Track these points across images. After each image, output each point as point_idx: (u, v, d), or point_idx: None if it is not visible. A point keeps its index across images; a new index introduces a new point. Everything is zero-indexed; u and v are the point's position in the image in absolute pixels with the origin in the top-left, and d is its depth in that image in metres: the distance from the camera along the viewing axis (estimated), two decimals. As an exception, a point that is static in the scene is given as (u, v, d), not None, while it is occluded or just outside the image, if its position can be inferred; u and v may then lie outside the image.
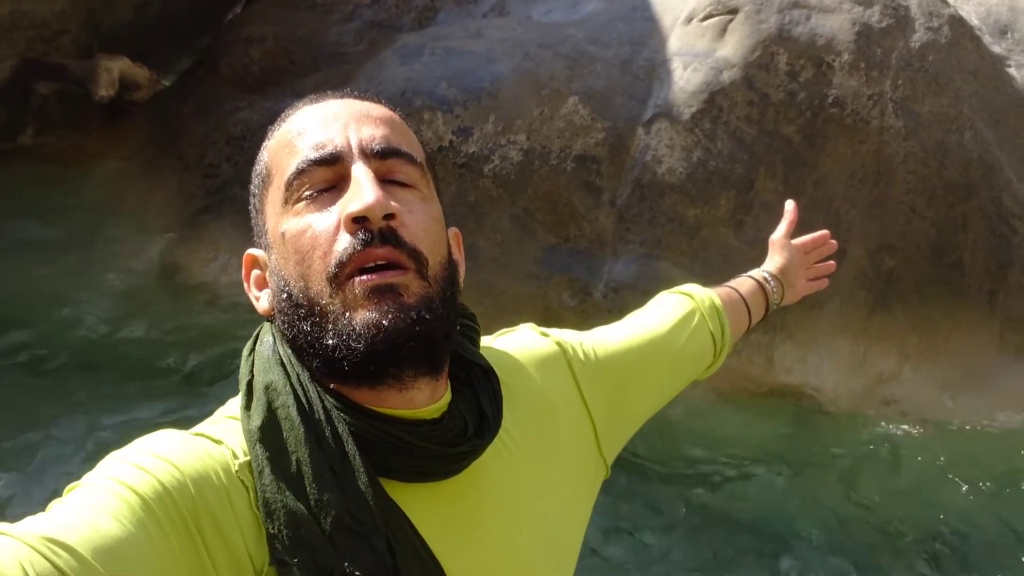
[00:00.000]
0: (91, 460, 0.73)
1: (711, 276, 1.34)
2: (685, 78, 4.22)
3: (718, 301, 1.22)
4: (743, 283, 1.33)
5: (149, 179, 5.03)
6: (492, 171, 4.11)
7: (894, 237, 4.19)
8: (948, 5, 4.50)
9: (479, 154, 4.12)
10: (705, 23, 4.32)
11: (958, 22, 4.45)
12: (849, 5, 4.28)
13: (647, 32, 4.42)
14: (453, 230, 0.88)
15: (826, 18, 4.26)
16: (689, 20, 4.38)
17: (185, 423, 0.80)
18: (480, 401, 0.83)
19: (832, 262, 1.49)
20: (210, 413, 0.82)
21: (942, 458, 3.74)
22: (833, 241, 1.48)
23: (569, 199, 4.11)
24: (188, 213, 4.66)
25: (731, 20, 4.27)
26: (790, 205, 1.45)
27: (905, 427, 3.92)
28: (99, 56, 5.06)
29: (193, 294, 4.13)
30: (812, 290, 1.47)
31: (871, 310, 4.13)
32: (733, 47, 4.24)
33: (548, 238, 4.11)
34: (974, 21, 4.71)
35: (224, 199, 4.55)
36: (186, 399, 3.50)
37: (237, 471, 0.73)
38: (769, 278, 1.35)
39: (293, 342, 0.78)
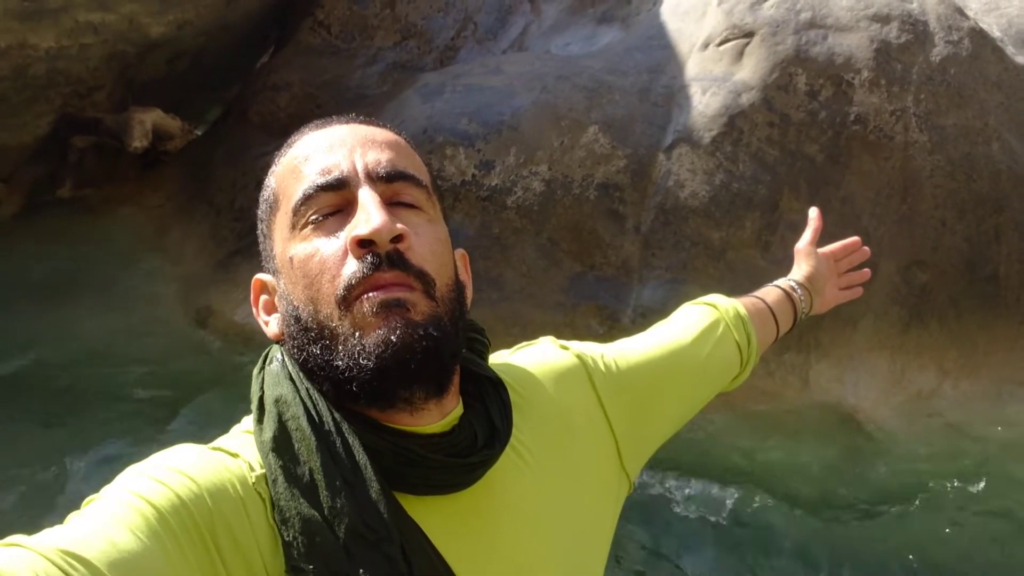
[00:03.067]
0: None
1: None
2: (704, 103, 4.23)
3: (743, 311, 1.20)
4: (769, 292, 1.31)
5: (182, 225, 5.15)
6: (515, 203, 4.14)
7: (925, 252, 4.13)
8: (967, 18, 4.48)
9: (502, 186, 4.16)
10: (722, 48, 4.34)
11: (979, 34, 4.43)
12: (866, 23, 4.28)
13: (664, 59, 4.46)
14: (460, 252, 0.88)
15: (843, 36, 4.26)
16: (706, 46, 4.41)
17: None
18: (489, 413, 0.83)
19: (867, 270, 1.47)
20: None
21: (987, 475, 3.64)
22: (866, 248, 1.46)
23: (593, 227, 4.13)
24: (220, 256, 4.75)
25: (747, 43, 4.29)
26: (814, 212, 1.43)
27: (948, 444, 3.83)
28: (132, 109, 5.21)
29: (225, 335, 4.20)
30: (845, 298, 1.45)
31: (906, 326, 4.07)
32: (751, 70, 4.25)
33: (574, 267, 4.12)
34: (995, 33, 4.68)
35: (254, 241, 4.61)
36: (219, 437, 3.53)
37: (254, 483, 0.74)
38: (796, 286, 1.33)
39: (303, 365, 0.78)
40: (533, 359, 0.99)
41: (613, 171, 4.16)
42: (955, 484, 3.59)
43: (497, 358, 0.97)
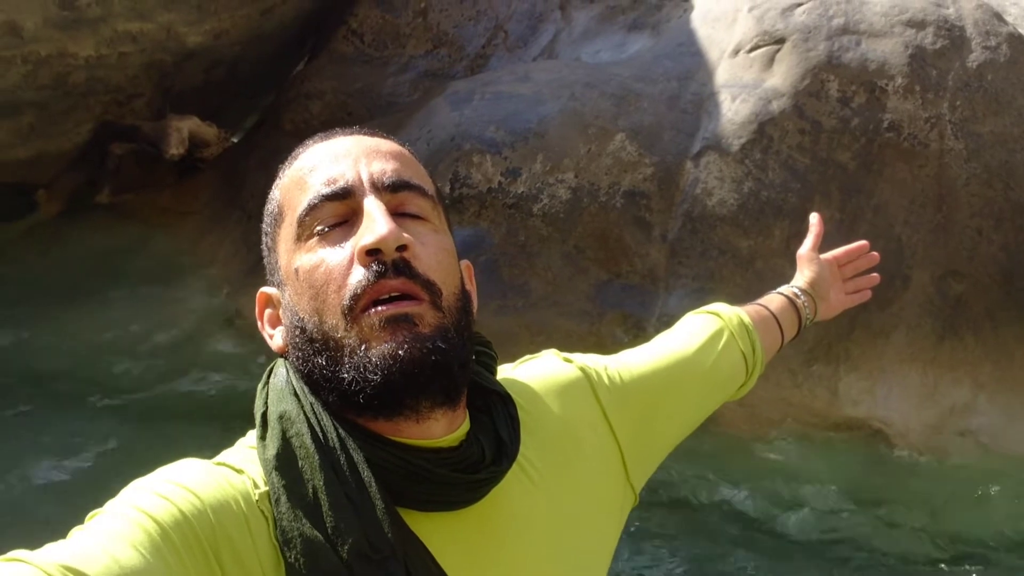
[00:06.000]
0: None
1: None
2: (733, 110, 4.19)
3: (747, 319, 1.19)
4: (772, 300, 1.29)
5: (216, 231, 5.24)
6: (542, 210, 4.14)
7: (961, 262, 4.03)
8: (1006, 23, 4.37)
9: (528, 194, 4.15)
10: (752, 54, 4.30)
11: (1017, 39, 4.32)
12: (901, 28, 4.21)
13: (694, 67, 4.43)
14: (465, 262, 0.88)
15: (877, 42, 4.19)
16: (736, 52, 4.37)
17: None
18: (497, 428, 0.83)
19: (876, 275, 1.43)
20: None
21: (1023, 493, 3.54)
22: (874, 253, 1.42)
23: (619, 235, 4.11)
24: (251, 262, 4.82)
25: (778, 50, 4.24)
26: (814, 218, 1.41)
27: (982, 461, 3.73)
28: (170, 117, 5.33)
29: (254, 338, 4.25)
30: (851, 303, 1.41)
31: (940, 338, 3.97)
32: (782, 76, 4.20)
33: (600, 274, 4.10)
34: (1036, 38, 4.56)
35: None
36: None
37: (257, 500, 0.73)
38: (799, 293, 1.31)
39: (308, 376, 0.78)
40: (537, 373, 0.98)
41: (640, 179, 4.14)
42: (989, 502, 3.49)
43: (501, 372, 0.96)
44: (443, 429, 0.79)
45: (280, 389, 0.79)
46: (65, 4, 4.28)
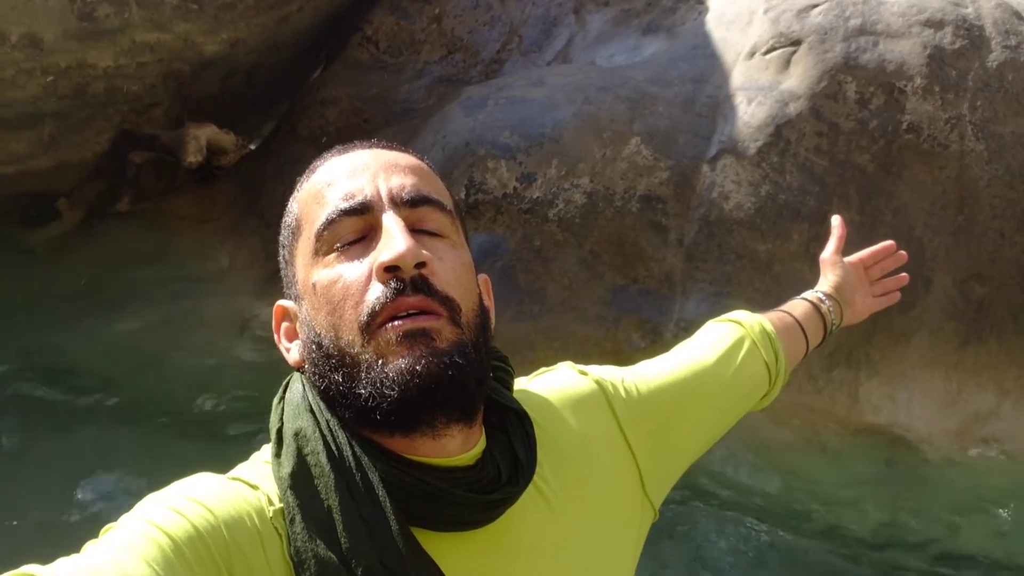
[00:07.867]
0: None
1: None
2: (750, 112, 4.16)
3: (769, 326, 1.16)
4: (796, 306, 1.27)
5: (234, 238, 5.27)
6: (557, 215, 4.12)
7: (983, 265, 3.98)
8: (1028, 22, 4.31)
9: (543, 199, 4.14)
10: (768, 56, 4.27)
11: (1039, 38, 4.26)
12: (919, 28, 4.16)
13: (709, 69, 4.40)
14: (483, 277, 0.87)
15: (895, 43, 4.14)
16: (752, 54, 4.33)
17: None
18: (514, 446, 0.82)
19: (904, 275, 1.39)
20: None
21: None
22: (901, 253, 1.39)
23: (636, 239, 4.08)
24: (269, 269, 4.83)
25: (795, 52, 4.21)
26: (836, 220, 1.38)
27: (1007, 467, 3.67)
28: (188, 125, 5.35)
29: (272, 346, 4.26)
30: (880, 306, 1.39)
31: (963, 342, 3.92)
32: (798, 78, 4.16)
33: (616, 279, 4.08)
34: (1058, 36, 4.49)
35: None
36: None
37: (271, 517, 0.73)
38: (824, 298, 1.28)
39: (324, 392, 0.78)
40: (552, 386, 0.97)
41: (656, 183, 4.12)
42: (1012, 510, 3.43)
43: (516, 384, 0.95)
44: (459, 446, 0.78)
45: (296, 405, 0.78)
46: (84, 15, 4.33)
